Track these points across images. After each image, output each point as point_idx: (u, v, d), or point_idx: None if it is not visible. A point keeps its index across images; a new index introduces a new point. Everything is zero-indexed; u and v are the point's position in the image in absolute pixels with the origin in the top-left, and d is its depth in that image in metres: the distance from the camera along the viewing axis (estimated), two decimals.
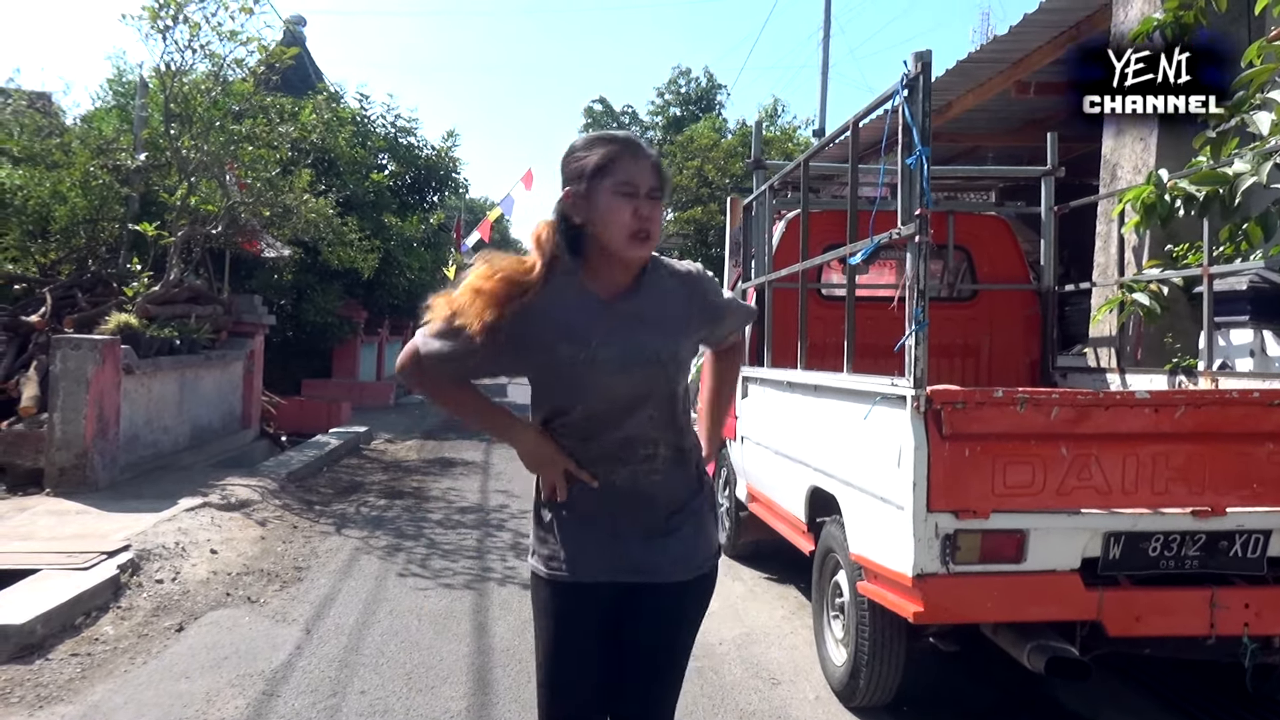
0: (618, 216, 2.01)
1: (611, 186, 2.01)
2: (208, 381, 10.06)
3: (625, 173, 2.02)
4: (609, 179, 2.02)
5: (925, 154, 3.20)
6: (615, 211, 2.01)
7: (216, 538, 6.47)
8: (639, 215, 2.01)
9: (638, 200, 2.01)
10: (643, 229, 2.02)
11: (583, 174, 2.04)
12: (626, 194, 2.01)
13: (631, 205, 2.01)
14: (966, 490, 3.27)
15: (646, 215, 2.02)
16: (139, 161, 9.86)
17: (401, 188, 19.00)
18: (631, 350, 2.05)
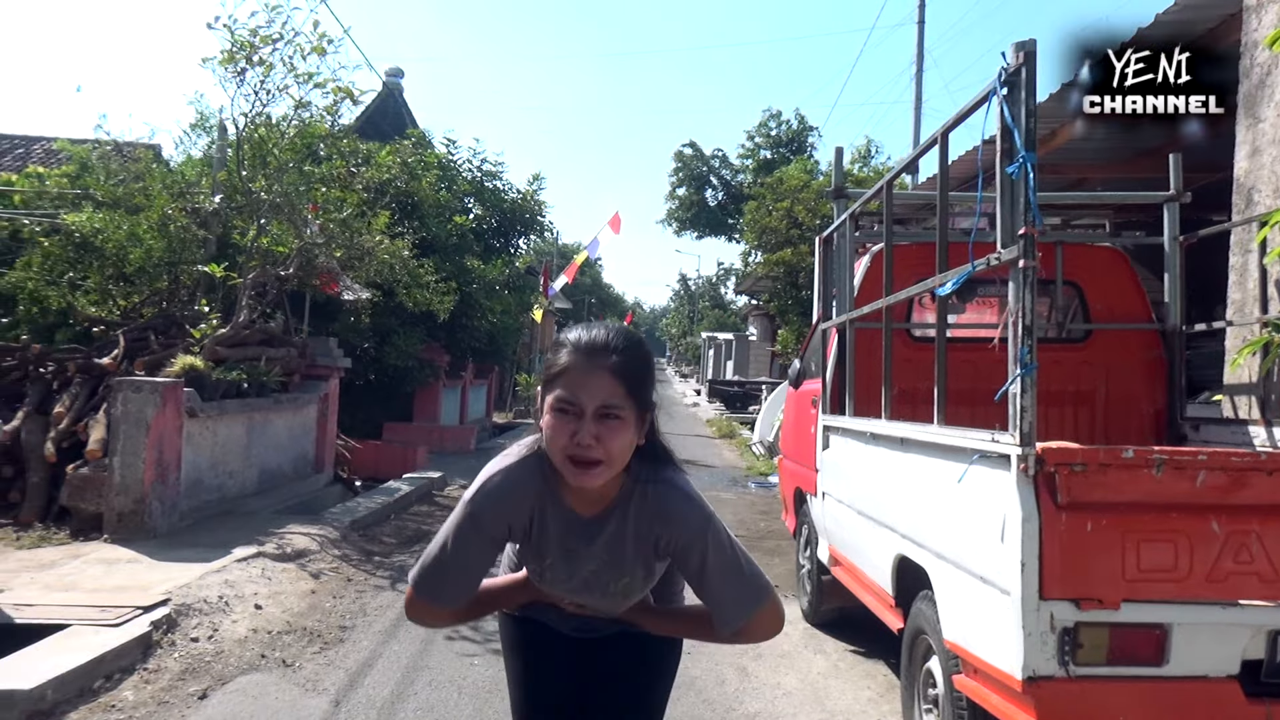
0: (552, 436, 1.80)
1: (552, 401, 1.79)
2: (278, 425, 9.90)
3: (569, 386, 1.78)
4: (552, 392, 1.80)
5: (1030, 160, 2.64)
6: (550, 429, 1.80)
7: (264, 591, 6.14)
8: (575, 440, 1.76)
9: (580, 420, 1.76)
10: (579, 456, 1.77)
11: (542, 383, 1.87)
12: (563, 410, 1.78)
13: (568, 426, 1.77)
14: (1090, 574, 2.66)
15: (586, 442, 1.75)
16: (215, 204, 9.85)
17: (486, 231, 18.94)
18: (580, 580, 2.00)
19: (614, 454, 1.77)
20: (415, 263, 11.81)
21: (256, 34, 8.73)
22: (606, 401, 1.76)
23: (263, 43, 8.82)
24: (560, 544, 1.94)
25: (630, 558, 1.95)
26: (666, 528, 1.91)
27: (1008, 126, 2.72)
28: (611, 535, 1.93)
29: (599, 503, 1.92)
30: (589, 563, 1.96)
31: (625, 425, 1.78)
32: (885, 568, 4.21)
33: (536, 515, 1.92)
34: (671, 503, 1.91)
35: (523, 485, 1.91)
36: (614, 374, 1.77)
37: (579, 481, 1.78)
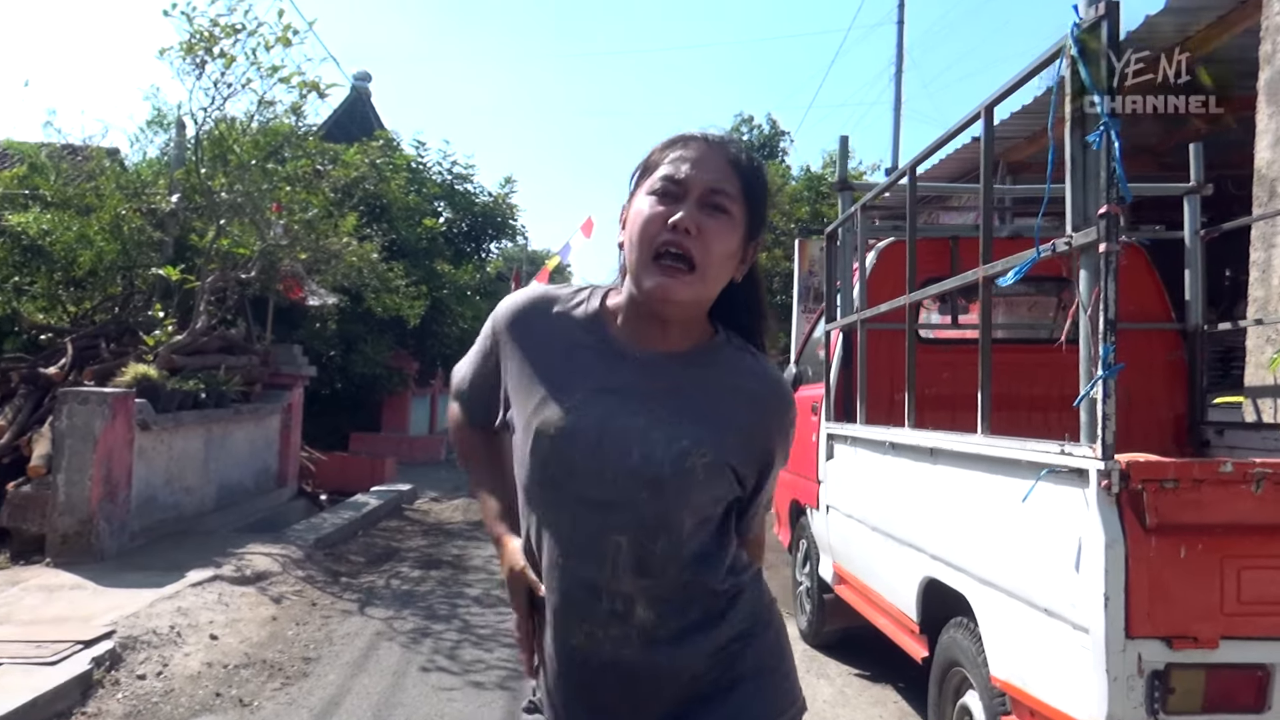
0: (641, 225, 1.35)
1: (648, 184, 1.38)
2: (238, 437, 9.37)
3: (669, 164, 1.37)
4: (649, 177, 1.40)
5: (1113, 127, 2.26)
6: (640, 216, 1.36)
7: (221, 619, 5.64)
8: (669, 224, 1.32)
9: (678, 204, 1.34)
10: (670, 243, 1.32)
11: (636, 177, 1.45)
12: (663, 192, 1.36)
13: (665, 210, 1.34)
14: (1183, 607, 2.28)
15: (685, 225, 1.32)
16: (172, 204, 9.32)
17: (457, 235, 18.47)
18: (628, 431, 1.36)
19: (712, 258, 1.33)
20: (385, 266, 11.33)
21: (217, 23, 8.22)
22: (718, 184, 1.35)
23: (224, 33, 8.31)
24: (597, 379, 1.40)
25: (710, 418, 1.39)
26: (767, 387, 1.45)
27: (1084, 89, 2.35)
28: (684, 380, 1.41)
29: (657, 340, 1.41)
30: (636, 410, 1.37)
31: (733, 226, 1.35)
32: (908, 591, 3.83)
33: (567, 344, 1.44)
34: (776, 378, 1.48)
35: (561, 300, 1.48)
36: (733, 164, 1.37)
37: (661, 290, 1.32)
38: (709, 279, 1.34)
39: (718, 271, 1.35)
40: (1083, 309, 2.47)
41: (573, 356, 1.42)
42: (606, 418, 1.36)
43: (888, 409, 5.29)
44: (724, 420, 1.39)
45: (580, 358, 1.41)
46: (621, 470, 1.33)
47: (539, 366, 1.42)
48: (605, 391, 1.38)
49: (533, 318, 1.46)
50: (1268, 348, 5.32)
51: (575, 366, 1.41)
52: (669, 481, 1.34)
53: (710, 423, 1.38)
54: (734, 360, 1.44)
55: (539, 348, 1.44)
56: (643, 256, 1.33)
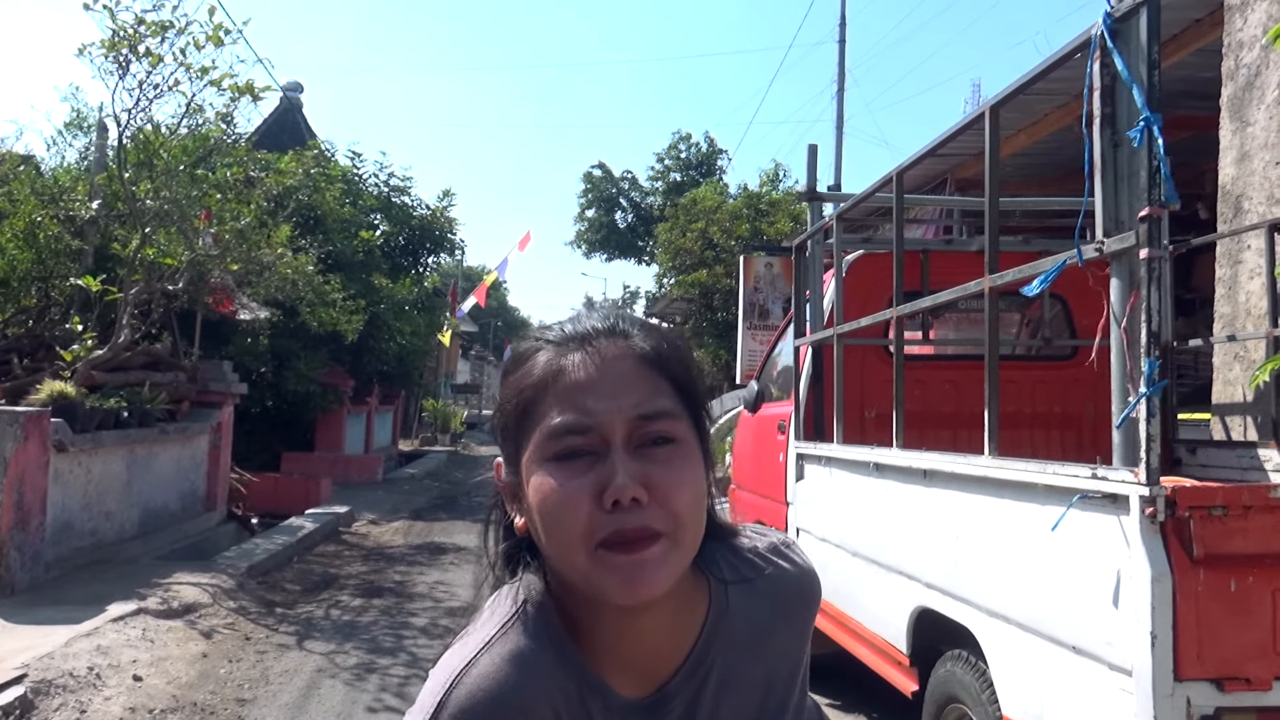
0: (557, 512, 0.88)
1: (540, 443, 0.90)
2: (164, 458, 8.83)
3: (560, 406, 0.90)
4: (535, 431, 0.92)
5: (1154, 123, 2.08)
6: (551, 500, 0.89)
7: (145, 658, 5.20)
8: (605, 495, 0.86)
9: (604, 459, 0.88)
10: (617, 534, 0.86)
11: (503, 431, 0.98)
12: (569, 454, 0.89)
13: (586, 480, 0.88)
14: (1233, 646, 2.10)
15: (629, 492, 0.86)
16: (92, 211, 8.78)
17: (394, 248, 17.99)
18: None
19: (683, 514, 0.89)
20: (321, 280, 10.87)
21: (143, 20, 7.76)
22: (648, 407, 0.90)
23: (150, 30, 7.85)
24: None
25: (779, 691, 1.04)
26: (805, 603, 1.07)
27: (1117, 83, 2.17)
28: (725, 677, 1.01)
29: (673, 641, 0.98)
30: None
31: (688, 454, 0.92)
32: (896, 621, 3.62)
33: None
34: (795, 567, 1.07)
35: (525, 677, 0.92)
36: (644, 362, 0.93)
37: (629, 588, 0.87)
38: (685, 542, 0.90)
39: (694, 526, 0.91)
40: (1115, 321, 2.29)
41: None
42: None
43: (859, 427, 5.12)
44: (785, 687, 1.05)
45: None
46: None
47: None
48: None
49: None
50: (1235, 364, 5.28)
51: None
52: None
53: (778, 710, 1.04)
54: (750, 597, 1.03)
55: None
56: (583, 558, 0.88)
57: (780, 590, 1.05)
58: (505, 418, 0.96)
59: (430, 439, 26.94)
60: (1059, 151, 9.44)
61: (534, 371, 0.93)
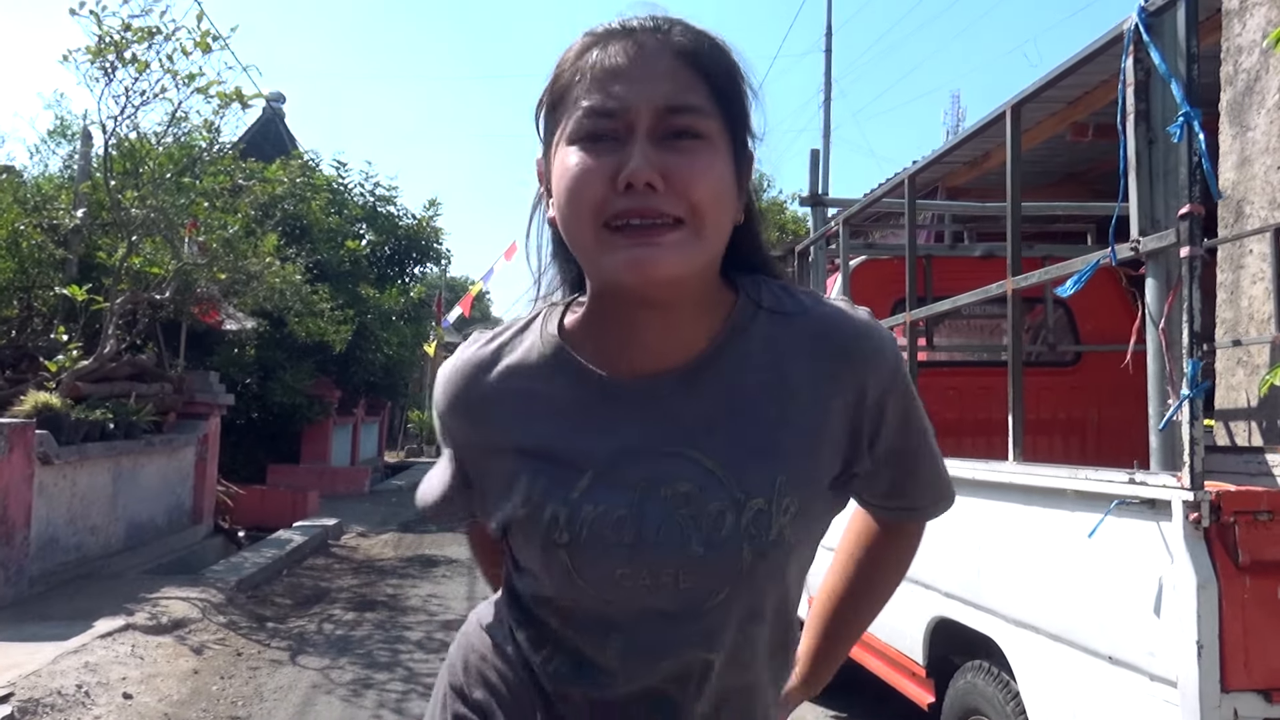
0: (572, 193, 0.89)
1: (569, 129, 0.91)
2: (150, 471, 8.68)
3: (590, 89, 0.90)
4: (564, 113, 0.93)
5: (1194, 118, 2.03)
6: (570, 178, 0.89)
7: (135, 675, 5.07)
8: (619, 186, 0.86)
9: (621, 148, 0.87)
10: (628, 212, 0.86)
11: (540, 121, 0.99)
12: (593, 136, 0.89)
13: (605, 161, 0.88)
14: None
15: (643, 174, 0.85)
16: (77, 220, 8.64)
17: (380, 258, 17.86)
18: (673, 511, 0.94)
19: (702, 204, 0.87)
20: (309, 289, 10.75)
21: (129, 26, 7.65)
22: (675, 98, 0.88)
23: (136, 37, 7.74)
24: (600, 443, 0.96)
25: (779, 437, 0.96)
26: (850, 359, 0.97)
27: (1152, 78, 2.12)
28: (723, 396, 0.96)
29: (681, 339, 0.96)
30: (674, 473, 0.94)
31: (714, 150, 0.90)
32: (912, 631, 3.56)
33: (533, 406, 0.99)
34: (848, 317, 0.99)
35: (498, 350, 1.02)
36: (682, 56, 0.90)
37: (635, 270, 0.87)
38: (705, 234, 0.89)
39: (715, 221, 0.90)
40: (1152, 322, 2.24)
41: (555, 422, 0.98)
42: (638, 500, 0.94)
43: None
44: (799, 430, 0.96)
45: (566, 420, 0.98)
46: (683, 568, 0.93)
47: (514, 453, 0.99)
48: (620, 458, 0.95)
49: (471, 395, 1.02)
50: (1239, 369, 5.26)
51: (560, 434, 0.97)
52: (755, 567, 0.94)
53: (782, 446, 0.95)
54: (770, 328, 0.98)
55: (501, 429, 1.00)
56: (591, 234, 0.89)
57: (822, 331, 0.98)
58: (544, 103, 0.97)
59: (416, 450, 26.78)
60: (1051, 159, 9.44)
61: (571, 56, 0.94)
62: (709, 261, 0.92)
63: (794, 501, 0.94)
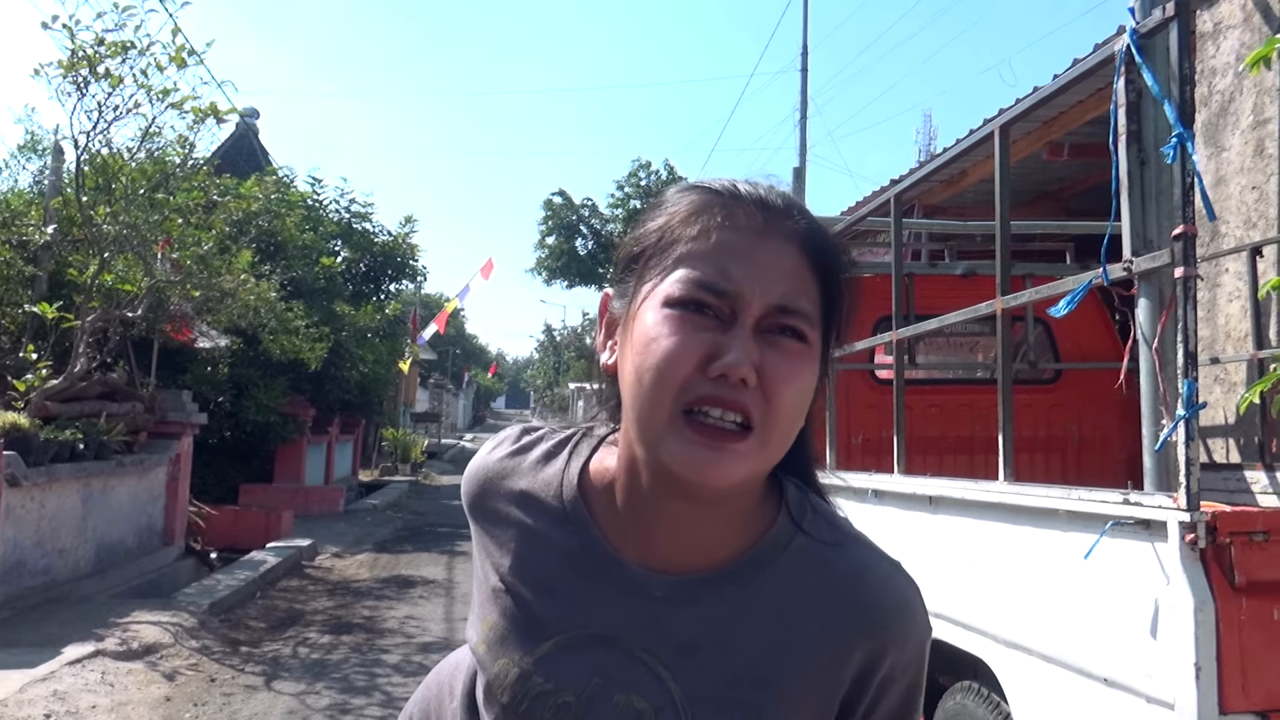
0: (658, 360, 0.82)
1: (664, 286, 0.85)
2: (121, 492, 8.52)
3: (706, 256, 0.84)
4: (661, 264, 0.87)
5: (1187, 139, 2.04)
6: (654, 347, 0.83)
7: (105, 703, 4.95)
8: (714, 371, 0.81)
9: (723, 330, 0.82)
10: (714, 399, 0.80)
11: (626, 258, 0.93)
12: (694, 304, 0.83)
13: (701, 337, 0.82)
14: (1277, 677, 2.02)
15: (741, 370, 0.80)
16: (47, 236, 8.50)
17: (355, 275, 17.76)
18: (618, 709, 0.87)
19: (780, 415, 0.82)
20: (284, 306, 10.64)
21: (103, 40, 7.55)
22: (791, 299, 0.84)
23: (110, 51, 7.65)
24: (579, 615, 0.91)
25: (774, 677, 0.89)
26: (869, 622, 0.90)
27: (1143, 100, 2.13)
28: (729, 617, 0.89)
29: (706, 541, 0.91)
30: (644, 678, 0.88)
31: (810, 359, 0.85)
32: None
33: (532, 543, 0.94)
34: (884, 581, 0.93)
35: (525, 467, 0.97)
36: (805, 254, 0.86)
37: (699, 469, 0.81)
38: (773, 444, 0.84)
39: (786, 430, 0.85)
40: (1144, 342, 2.24)
41: (541, 570, 0.93)
42: (588, 695, 0.88)
43: (845, 453, 5.06)
44: (785, 692, 0.89)
45: (554, 575, 0.92)
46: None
47: (496, 578, 0.95)
48: (590, 640, 0.89)
49: (490, 497, 0.98)
50: (1216, 387, 5.31)
51: (544, 588, 0.92)
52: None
53: (774, 687, 0.89)
54: (814, 561, 0.92)
55: (499, 546, 0.96)
56: (664, 413, 0.82)
57: (855, 584, 0.91)
58: (640, 244, 0.90)
59: (391, 469, 26.49)
60: (1026, 178, 9.55)
61: (685, 210, 0.88)
62: (765, 471, 0.87)
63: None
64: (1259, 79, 5.00)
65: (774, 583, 0.90)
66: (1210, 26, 5.48)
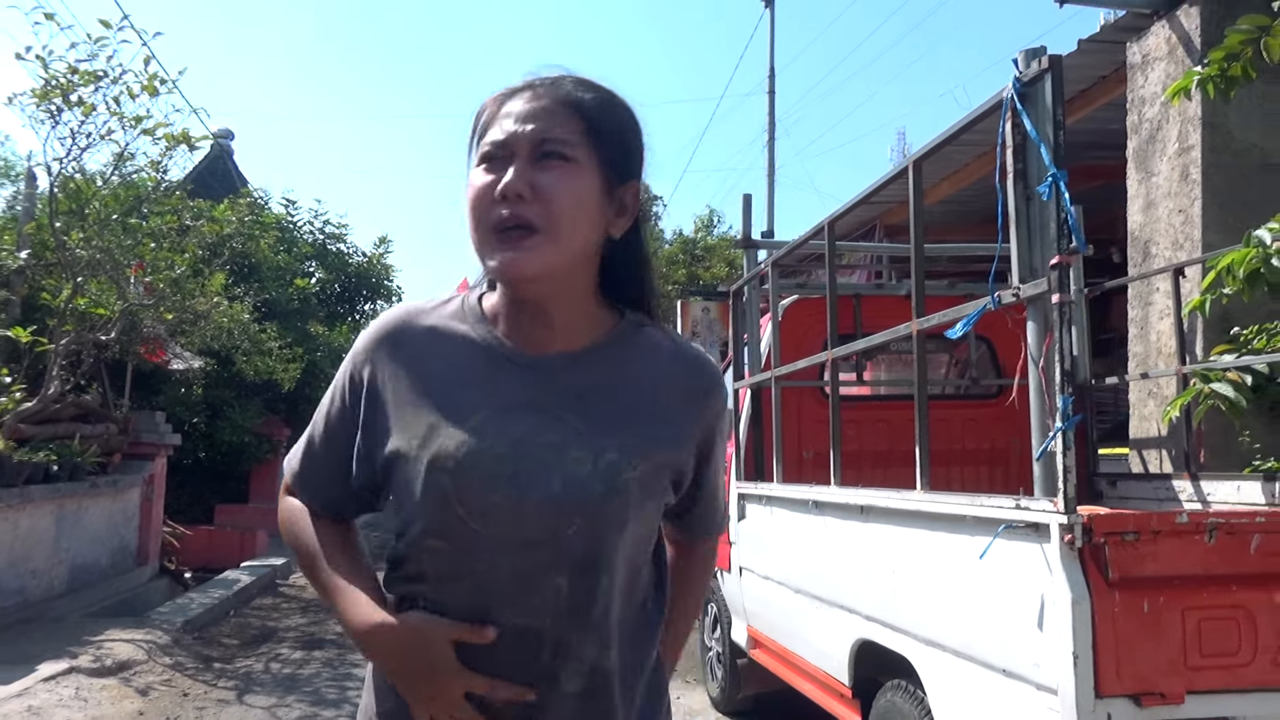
0: (470, 200, 1.18)
1: (472, 161, 1.22)
2: (94, 513, 8.61)
3: (494, 125, 1.19)
4: (473, 151, 1.23)
5: (1060, 179, 2.27)
6: (469, 193, 1.19)
7: (79, 717, 5.08)
8: (497, 194, 1.14)
9: (507, 168, 1.15)
10: (505, 218, 1.13)
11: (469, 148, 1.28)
12: (487, 158, 1.18)
13: (491, 177, 1.16)
14: (1148, 663, 2.25)
15: (515, 187, 1.13)
16: (20, 261, 8.62)
17: (330, 296, 17.86)
18: (544, 453, 1.17)
19: (558, 213, 1.13)
20: (257, 328, 10.77)
21: (76, 70, 7.71)
22: (548, 131, 1.15)
23: (83, 80, 7.81)
24: (495, 394, 1.19)
25: (633, 420, 1.21)
26: (693, 369, 1.29)
27: (1025, 143, 2.36)
28: (595, 382, 1.22)
29: (568, 336, 1.23)
30: (548, 425, 1.18)
31: (578, 171, 1.15)
32: (838, 654, 3.73)
33: (451, 357, 1.22)
34: (698, 357, 1.32)
35: (429, 310, 1.28)
36: (563, 102, 1.18)
37: (508, 266, 1.13)
38: (560, 238, 1.13)
39: (571, 226, 1.14)
40: (1033, 361, 2.47)
41: (461, 370, 1.21)
42: (518, 439, 1.16)
43: (797, 467, 5.27)
44: (649, 420, 1.22)
45: (471, 370, 1.21)
46: (545, 500, 1.14)
47: (420, 387, 1.20)
48: (509, 408, 1.18)
49: (402, 334, 1.25)
50: (1149, 400, 5.56)
51: (466, 381, 1.20)
52: (602, 506, 1.16)
53: (635, 427, 1.21)
54: (646, 346, 1.27)
55: (416, 366, 1.22)
56: (480, 235, 1.16)
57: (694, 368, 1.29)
58: (471, 134, 1.23)
59: None
60: (981, 198, 9.86)
61: (485, 105, 1.22)
62: (569, 264, 1.17)
63: (640, 465, 1.19)
64: (1182, 108, 5.28)
65: (635, 355, 1.26)
66: (1139, 58, 5.78)
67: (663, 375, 1.26)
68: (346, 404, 1.27)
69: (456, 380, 1.20)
